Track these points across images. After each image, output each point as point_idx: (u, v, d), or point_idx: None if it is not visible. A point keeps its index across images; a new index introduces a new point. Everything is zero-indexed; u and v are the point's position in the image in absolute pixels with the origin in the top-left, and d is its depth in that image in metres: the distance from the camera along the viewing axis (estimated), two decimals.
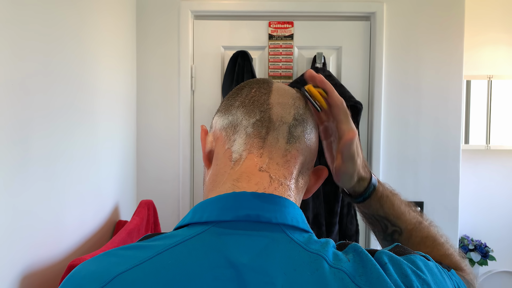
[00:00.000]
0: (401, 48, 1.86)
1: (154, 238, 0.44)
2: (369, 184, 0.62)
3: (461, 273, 0.59)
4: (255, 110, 0.51)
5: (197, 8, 1.83)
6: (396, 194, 0.65)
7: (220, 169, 0.51)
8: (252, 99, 0.53)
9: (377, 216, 0.64)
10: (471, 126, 2.29)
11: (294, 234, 0.44)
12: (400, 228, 0.63)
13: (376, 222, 0.65)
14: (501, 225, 2.36)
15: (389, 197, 0.63)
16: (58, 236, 1.07)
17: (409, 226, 0.63)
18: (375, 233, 0.67)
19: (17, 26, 0.87)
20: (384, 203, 0.63)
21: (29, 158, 0.92)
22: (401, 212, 0.63)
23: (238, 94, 0.55)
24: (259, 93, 0.53)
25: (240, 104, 0.53)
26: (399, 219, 0.63)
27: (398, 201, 0.64)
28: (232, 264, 0.40)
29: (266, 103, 0.52)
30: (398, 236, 0.63)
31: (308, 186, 0.56)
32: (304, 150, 0.52)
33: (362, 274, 0.41)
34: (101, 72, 1.37)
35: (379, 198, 0.63)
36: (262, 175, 0.48)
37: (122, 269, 0.39)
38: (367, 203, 0.63)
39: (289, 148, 0.50)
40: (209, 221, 0.44)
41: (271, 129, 0.50)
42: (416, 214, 0.65)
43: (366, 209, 0.65)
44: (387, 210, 0.63)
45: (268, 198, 0.45)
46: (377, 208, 0.63)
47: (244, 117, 0.52)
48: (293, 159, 0.50)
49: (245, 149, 0.50)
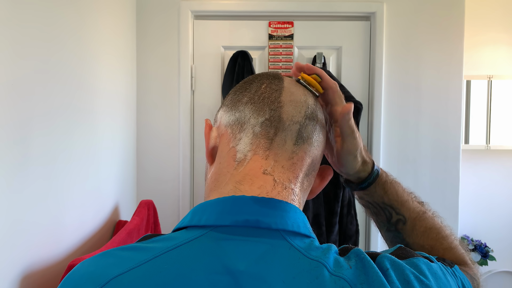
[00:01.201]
0: (401, 48, 1.86)
1: (152, 240, 0.43)
2: (373, 169, 0.60)
3: (464, 268, 0.58)
4: (264, 108, 0.49)
5: (197, 8, 1.83)
6: (398, 182, 0.63)
7: (223, 168, 0.49)
8: (262, 96, 0.50)
9: (381, 204, 0.63)
10: (471, 126, 2.28)
11: (294, 240, 0.42)
12: (404, 217, 0.62)
13: (381, 211, 0.63)
14: (501, 225, 2.36)
15: (393, 184, 0.62)
16: (58, 236, 1.07)
17: (413, 215, 0.61)
18: (379, 224, 0.66)
19: (17, 25, 0.87)
20: (388, 189, 0.61)
21: (29, 158, 0.92)
22: (405, 200, 0.62)
23: (246, 89, 0.52)
24: (269, 89, 0.51)
25: (248, 100, 0.50)
26: (403, 207, 0.62)
27: (401, 189, 0.62)
28: (229, 271, 0.39)
29: (278, 101, 0.49)
30: (402, 225, 0.62)
31: (313, 187, 0.54)
32: (311, 151, 0.50)
33: (363, 282, 0.39)
34: (101, 71, 1.37)
35: (383, 183, 0.61)
36: (266, 178, 0.46)
37: (119, 272, 0.39)
38: (371, 189, 0.61)
39: (296, 150, 0.49)
40: (207, 225, 0.43)
41: (280, 130, 0.48)
42: (419, 204, 0.63)
43: (370, 197, 0.63)
44: (391, 197, 0.61)
45: (268, 202, 0.44)
46: (382, 194, 0.62)
47: (252, 115, 0.49)
48: (300, 161, 0.49)
49: (251, 149, 0.48)
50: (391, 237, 0.65)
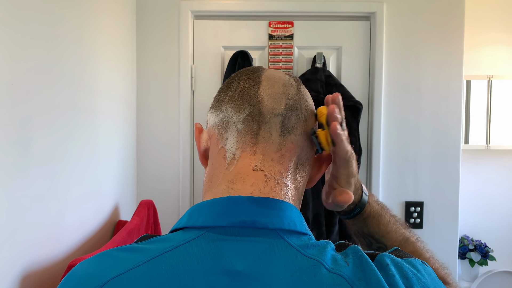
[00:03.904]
0: (401, 48, 1.86)
1: (150, 241, 0.43)
2: (355, 207, 0.63)
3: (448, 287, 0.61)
4: (244, 105, 0.49)
5: (197, 8, 1.83)
6: (386, 211, 0.66)
7: (215, 169, 0.50)
8: (241, 93, 0.50)
9: (361, 233, 0.66)
10: (471, 126, 2.28)
11: (291, 238, 0.43)
12: (385, 245, 0.64)
13: (361, 238, 0.67)
14: (501, 225, 2.36)
15: (376, 218, 0.64)
16: (58, 236, 1.07)
17: (395, 244, 0.64)
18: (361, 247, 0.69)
19: (18, 25, 0.87)
20: (369, 222, 0.64)
21: (29, 158, 0.92)
22: (387, 231, 0.64)
23: (228, 88, 0.52)
24: (248, 85, 0.51)
25: (229, 100, 0.51)
26: (384, 238, 0.64)
27: (386, 220, 0.65)
28: (227, 271, 0.39)
29: (255, 95, 0.49)
30: (383, 251, 0.65)
31: (311, 175, 0.55)
32: (299, 141, 0.50)
33: (361, 278, 0.40)
34: (101, 71, 1.37)
35: (364, 218, 0.64)
36: (257, 175, 0.46)
37: (116, 273, 0.39)
38: (351, 221, 0.65)
39: (283, 141, 0.48)
40: (204, 226, 0.43)
41: (262, 123, 0.48)
42: (404, 229, 0.66)
43: (351, 225, 0.66)
44: (371, 230, 0.65)
45: (264, 202, 0.44)
46: (361, 226, 0.65)
47: (234, 113, 0.49)
48: (288, 152, 0.49)
49: (238, 147, 0.48)
50: None
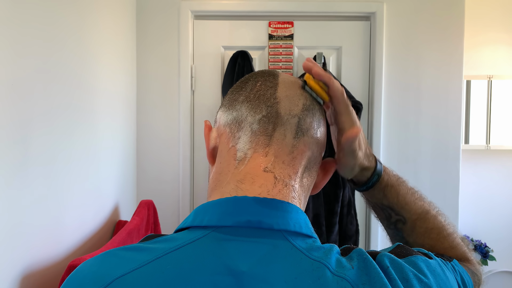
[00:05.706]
0: (401, 48, 1.86)
1: (155, 240, 0.43)
2: (373, 174, 0.60)
3: (466, 264, 0.59)
4: (261, 106, 0.49)
5: (197, 8, 1.83)
6: (403, 182, 0.63)
7: (224, 167, 0.49)
8: (258, 94, 0.50)
9: (380, 205, 0.63)
10: (471, 126, 2.28)
11: (296, 240, 0.42)
12: (404, 218, 0.62)
13: (380, 211, 0.64)
14: (501, 225, 2.36)
15: (394, 187, 0.61)
16: (58, 236, 1.07)
17: (414, 216, 0.61)
18: (379, 220, 0.66)
19: (17, 25, 0.87)
20: (388, 192, 0.61)
21: (29, 158, 0.92)
22: (405, 202, 0.61)
23: (242, 88, 0.52)
24: (264, 86, 0.50)
25: (244, 99, 0.50)
26: (403, 209, 0.61)
27: (404, 190, 0.62)
28: (232, 271, 0.39)
29: (273, 97, 0.49)
30: (402, 225, 0.62)
31: (316, 181, 0.54)
32: (312, 143, 0.50)
33: (365, 282, 0.39)
34: (101, 71, 1.37)
35: (383, 188, 0.61)
36: (267, 176, 0.46)
37: (122, 272, 0.39)
38: (370, 192, 0.62)
39: (296, 143, 0.48)
40: (209, 225, 0.43)
41: (278, 125, 0.48)
42: (423, 202, 0.63)
43: (370, 197, 0.63)
44: (391, 200, 0.61)
45: (270, 203, 0.44)
46: (381, 197, 0.62)
47: (249, 113, 0.49)
48: (300, 155, 0.49)
49: (250, 147, 0.48)
50: (391, 234, 0.65)
